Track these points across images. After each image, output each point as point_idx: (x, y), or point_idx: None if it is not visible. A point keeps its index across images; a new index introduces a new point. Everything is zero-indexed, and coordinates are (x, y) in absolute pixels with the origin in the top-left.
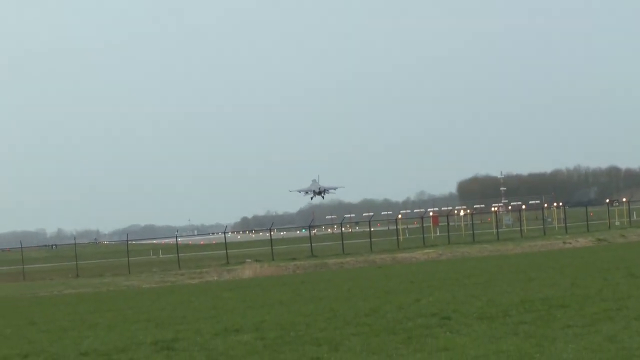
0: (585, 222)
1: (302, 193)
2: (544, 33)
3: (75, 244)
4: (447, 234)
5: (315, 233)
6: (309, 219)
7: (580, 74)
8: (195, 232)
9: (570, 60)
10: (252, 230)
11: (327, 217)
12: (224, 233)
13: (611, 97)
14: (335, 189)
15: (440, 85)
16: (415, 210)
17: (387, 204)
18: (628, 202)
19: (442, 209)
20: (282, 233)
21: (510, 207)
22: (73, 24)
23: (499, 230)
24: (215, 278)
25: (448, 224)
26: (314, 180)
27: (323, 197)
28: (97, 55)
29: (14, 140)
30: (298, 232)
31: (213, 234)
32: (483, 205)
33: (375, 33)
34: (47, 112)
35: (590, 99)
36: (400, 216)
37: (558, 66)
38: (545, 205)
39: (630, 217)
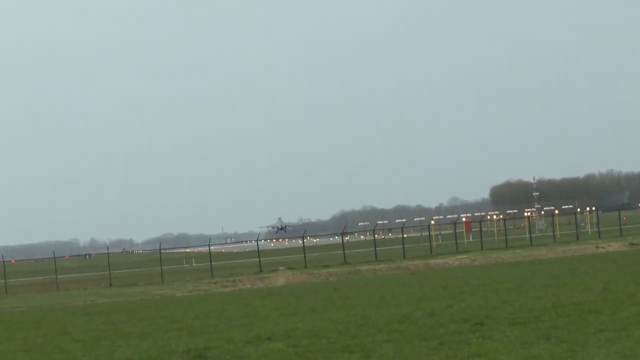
0: (619, 227)
1: (270, 228)
2: (572, 38)
3: (108, 253)
4: (480, 239)
5: (348, 240)
6: (341, 225)
7: (612, 78)
8: (229, 241)
9: (602, 65)
10: (285, 238)
11: (359, 223)
12: (257, 241)
13: None
14: (293, 224)
15: (472, 90)
16: (448, 216)
17: (420, 210)
18: None
19: (475, 214)
20: (315, 240)
21: (543, 212)
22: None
23: (532, 235)
24: (248, 286)
25: (481, 229)
26: (279, 218)
27: (285, 232)
28: (132, 68)
29: (46, 151)
30: (331, 239)
31: (246, 242)
32: (516, 211)
33: (406, 39)
34: (79, 123)
35: (623, 103)
36: (433, 222)
37: (590, 71)
38: (578, 209)
39: None
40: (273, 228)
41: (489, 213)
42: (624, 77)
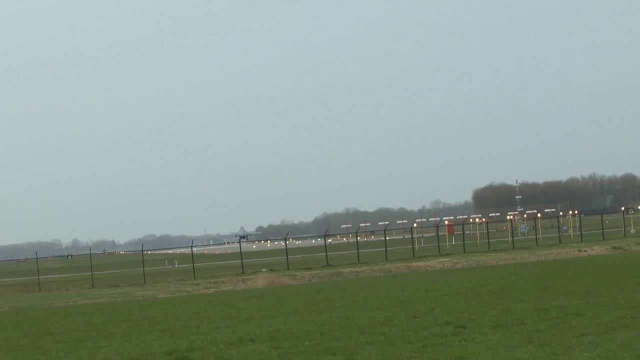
0: (601, 230)
1: (233, 237)
2: (557, 41)
3: (90, 254)
4: (462, 242)
5: (330, 242)
6: (324, 228)
7: (595, 82)
8: (211, 242)
9: (585, 69)
10: (267, 240)
11: (342, 226)
12: (240, 242)
13: (626, 105)
14: (254, 234)
15: (455, 94)
16: (430, 219)
17: (403, 213)
18: None
19: (458, 217)
20: (297, 242)
21: (525, 216)
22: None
23: (515, 238)
24: (231, 288)
25: (463, 232)
26: (241, 227)
27: (247, 240)
28: (113, 71)
29: (29, 152)
30: (313, 241)
31: (228, 243)
32: (498, 214)
33: (389, 42)
34: (62, 125)
35: (606, 107)
36: (415, 225)
37: (573, 74)
38: (561, 213)
39: None
40: (236, 237)
41: (472, 216)
42: (608, 82)
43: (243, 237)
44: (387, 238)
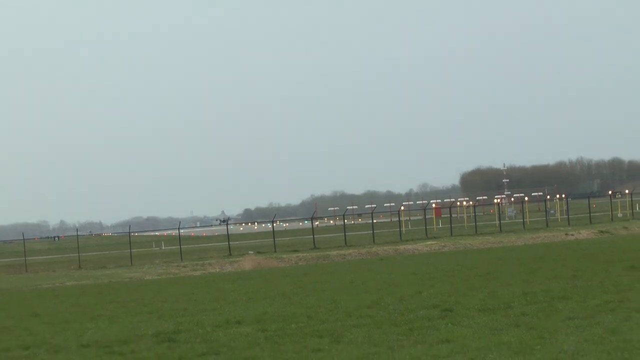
0: (588, 214)
1: (214, 220)
2: (547, 25)
3: (77, 235)
4: (449, 225)
5: (317, 225)
6: (311, 210)
7: (583, 66)
8: (198, 224)
9: (573, 52)
10: (254, 222)
11: (329, 208)
12: (227, 225)
13: (614, 89)
14: (235, 218)
15: (443, 77)
16: (418, 202)
17: (390, 196)
18: (631, 194)
19: (445, 200)
20: (284, 225)
21: (513, 199)
22: (66, 22)
23: (502, 221)
24: (218, 270)
25: (450, 215)
26: (222, 211)
27: (227, 223)
28: (97, 48)
29: (15, 132)
30: (300, 223)
31: (215, 225)
32: (486, 197)
33: (387, 24)
34: (48, 103)
35: (594, 91)
36: (403, 208)
37: (561, 58)
38: (548, 197)
39: (632, 209)
40: (216, 220)
41: (459, 199)
42: (596, 65)
43: (223, 221)
44: (375, 221)
